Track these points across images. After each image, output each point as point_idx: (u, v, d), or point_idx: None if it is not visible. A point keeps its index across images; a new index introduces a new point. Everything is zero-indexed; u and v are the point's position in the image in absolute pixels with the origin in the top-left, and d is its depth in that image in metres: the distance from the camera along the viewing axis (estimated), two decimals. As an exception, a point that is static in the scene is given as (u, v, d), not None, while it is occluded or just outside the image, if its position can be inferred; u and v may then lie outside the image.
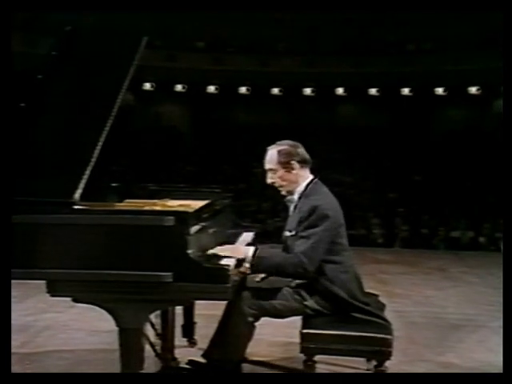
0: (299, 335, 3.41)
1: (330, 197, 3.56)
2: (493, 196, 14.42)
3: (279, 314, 3.52)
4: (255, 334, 3.54)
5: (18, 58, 13.75)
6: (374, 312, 3.50)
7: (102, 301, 3.02)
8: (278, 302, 3.48)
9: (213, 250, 3.30)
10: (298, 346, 3.41)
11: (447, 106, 19.79)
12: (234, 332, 3.49)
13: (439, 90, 19.46)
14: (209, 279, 2.92)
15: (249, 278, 3.60)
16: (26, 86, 3.46)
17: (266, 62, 19.36)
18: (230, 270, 3.01)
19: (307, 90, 20.15)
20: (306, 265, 3.32)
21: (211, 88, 20.20)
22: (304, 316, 3.51)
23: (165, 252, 2.91)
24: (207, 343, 3.69)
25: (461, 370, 4.31)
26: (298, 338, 3.41)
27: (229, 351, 3.51)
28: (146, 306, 3.01)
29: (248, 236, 4.03)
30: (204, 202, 3.77)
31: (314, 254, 3.34)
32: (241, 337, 3.50)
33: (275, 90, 20.24)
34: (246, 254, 3.33)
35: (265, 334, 4.26)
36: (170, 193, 4.23)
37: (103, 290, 2.96)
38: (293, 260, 3.34)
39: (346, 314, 3.45)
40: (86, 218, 2.98)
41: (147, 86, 19.55)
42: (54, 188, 3.05)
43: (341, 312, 3.46)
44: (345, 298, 3.44)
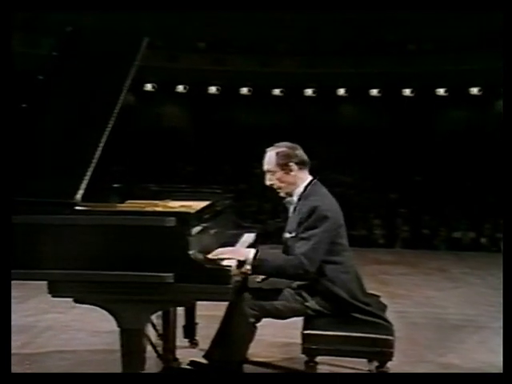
0: (300, 336, 3.41)
1: (329, 197, 3.57)
2: (494, 196, 14.41)
3: (280, 315, 3.52)
4: (256, 335, 3.54)
5: (19, 58, 13.78)
6: (376, 313, 3.50)
7: (103, 301, 3.02)
8: (279, 303, 3.48)
9: (213, 254, 3.30)
10: (300, 346, 3.41)
11: (448, 106, 19.76)
12: (236, 333, 3.49)
13: (440, 91, 19.42)
14: (210, 280, 2.92)
15: (250, 278, 3.60)
16: (28, 86, 3.46)
17: (267, 63, 19.34)
18: (231, 270, 3.01)
19: (308, 91, 20.12)
20: (306, 266, 3.32)
21: (212, 88, 20.18)
22: (305, 317, 3.51)
23: (166, 253, 2.92)
24: (208, 344, 3.69)
25: (462, 370, 4.31)
26: (299, 339, 3.42)
27: (230, 352, 3.51)
28: (147, 307, 3.01)
29: (249, 237, 4.03)
30: (205, 202, 3.77)
31: (314, 255, 3.35)
32: (242, 338, 3.50)
33: (276, 91, 20.22)
34: (247, 256, 3.33)
35: (266, 335, 4.26)
36: (171, 193, 4.23)
37: (105, 291, 2.96)
38: (293, 262, 3.35)
39: (347, 314, 3.45)
40: (87, 219, 2.99)
41: (148, 86, 19.54)
42: (56, 189, 3.06)
43: (342, 312, 3.46)
44: (346, 298, 3.45)
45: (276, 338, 4.71)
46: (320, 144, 17.64)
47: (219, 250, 3.36)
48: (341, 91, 20.03)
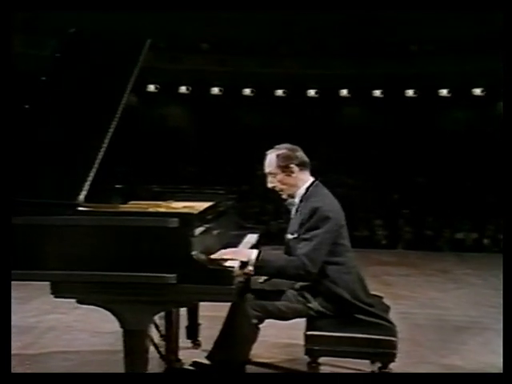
0: (303, 337, 3.41)
1: (331, 198, 3.57)
2: (496, 197, 14.39)
3: (283, 316, 3.52)
4: (259, 336, 3.54)
5: (21, 59, 13.80)
6: (379, 314, 3.49)
7: (106, 302, 3.01)
8: (281, 304, 3.48)
9: (216, 255, 3.30)
10: (302, 347, 3.41)
11: (451, 107, 19.75)
12: (238, 334, 3.49)
13: (443, 92, 19.43)
14: (213, 281, 2.92)
15: (253, 279, 3.60)
16: (30, 87, 3.46)
17: (269, 64, 19.35)
18: (234, 271, 3.01)
19: (311, 92, 20.15)
20: (308, 267, 3.32)
21: (215, 89, 20.21)
22: (308, 318, 3.51)
23: (169, 253, 2.91)
24: (211, 345, 3.68)
25: (464, 372, 4.30)
26: (302, 340, 3.42)
27: (233, 353, 3.50)
28: (150, 308, 3.01)
29: (252, 238, 4.03)
30: (208, 203, 3.77)
31: (316, 256, 3.35)
32: (245, 338, 3.49)
33: (279, 92, 20.24)
34: (250, 256, 3.33)
35: (269, 336, 4.25)
36: (174, 194, 4.23)
37: (107, 292, 2.96)
38: (295, 263, 3.35)
39: (350, 315, 3.45)
40: (90, 220, 2.99)
41: (151, 87, 19.58)
42: (59, 189, 3.06)
43: (345, 313, 3.46)
44: (348, 299, 3.44)
45: (279, 339, 4.70)
46: (322, 145, 17.68)
47: (222, 251, 3.36)
48: (343, 92, 20.05)
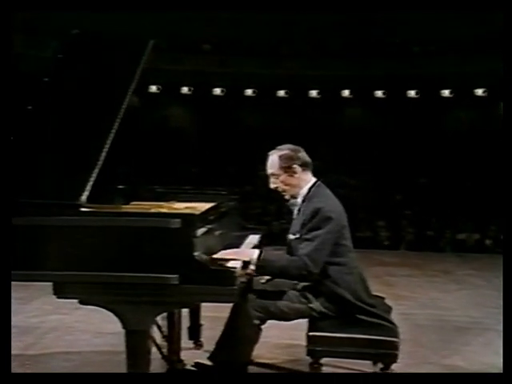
0: (305, 338, 3.41)
1: (333, 199, 3.56)
2: (499, 198, 14.37)
3: (285, 317, 3.51)
4: (261, 337, 3.54)
5: (22, 59, 13.80)
6: (381, 314, 3.49)
7: (108, 302, 3.02)
8: (283, 305, 3.48)
9: (217, 255, 3.30)
10: (304, 348, 3.41)
11: (453, 108, 19.73)
12: (240, 334, 3.49)
13: (445, 92, 19.40)
14: (215, 281, 2.92)
15: (255, 280, 3.60)
16: (33, 88, 3.47)
17: (271, 65, 19.33)
18: (236, 272, 3.01)
19: (313, 93, 20.12)
20: (310, 267, 3.32)
21: (217, 90, 20.19)
22: (310, 319, 3.51)
23: (171, 254, 2.91)
24: (213, 345, 3.68)
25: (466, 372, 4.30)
26: (304, 341, 3.42)
27: (235, 353, 3.50)
28: (152, 308, 3.01)
29: (254, 238, 4.03)
30: (210, 204, 3.77)
31: (317, 256, 3.35)
32: (247, 339, 3.50)
33: (281, 93, 20.22)
34: (251, 256, 3.34)
35: (270, 337, 4.25)
36: (176, 195, 4.23)
37: (110, 292, 2.97)
38: (297, 263, 3.35)
39: (352, 316, 3.45)
40: (92, 220, 2.99)
41: (153, 88, 19.56)
42: (61, 190, 3.06)
43: (347, 314, 3.45)
44: (350, 299, 3.44)
45: (281, 340, 4.70)
46: (324, 145, 17.66)
47: (223, 251, 3.36)
48: (345, 93, 20.01)
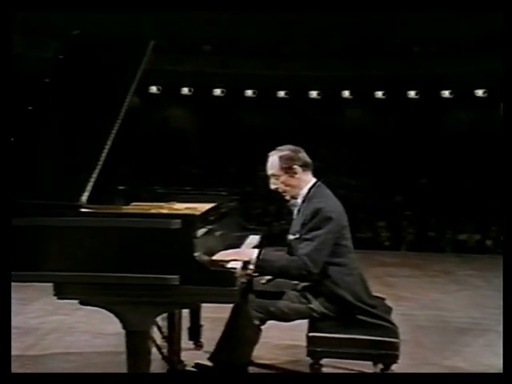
0: (305, 338, 3.41)
1: (333, 199, 3.56)
2: (499, 199, 14.37)
3: (285, 317, 3.51)
4: (261, 337, 3.54)
5: (22, 60, 13.80)
6: (381, 315, 3.49)
7: (108, 303, 3.02)
8: (284, 305, 3.47)
9: (217, 256, 3.30)
10: (305, 349, 3.41)
11: (453, 108, 19.74)
12: (241, 335, 3.49)
13: (445, 93, 19.41)
14: (215, 282, 2.92)
15: (255, 280, 3.60)
16: (34, 89, 3.47)
17: (271, 65, 19.34)
18: (236, 272, 3.01)
19: (313, 93, 20.14)
20: (309, 267, 3.31)
21: (217, 91, 20.21)
22: (310, 319, 3.50)
23: (171, 255, 2.92)
24: (214, 346, 3.68)
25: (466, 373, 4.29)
26: (304, 341, 3.41)
27: (235, 354, 3.51)
28: (152, 309, 3.01)
29: (254, 239, 4.02)
30: (210, 204, 3.77)
31: (317, 256, 3.34)
32: (247, 340, 3.50)
33: (281, 93, 20.24)
34: (251, 256, 3.34)
35: (271, 337, 4.25)
36: (176, 196, 4.23)
37: (110, 293, 2.97)
38: (297, 263, 3.35)
39: (353, 316, 3.44)
40: (92, 221, 2.99)
41: (153, 89, 19.58)
42: (61, 191, 3.07)
43: (347, 315, 3.45)
44: (351, 300, 3.44)
45: (281, 341, 4.70)
46: (324, 146, 17.67)
47: (223, 252, 3.36)
48: (345, 93, 20.03)
